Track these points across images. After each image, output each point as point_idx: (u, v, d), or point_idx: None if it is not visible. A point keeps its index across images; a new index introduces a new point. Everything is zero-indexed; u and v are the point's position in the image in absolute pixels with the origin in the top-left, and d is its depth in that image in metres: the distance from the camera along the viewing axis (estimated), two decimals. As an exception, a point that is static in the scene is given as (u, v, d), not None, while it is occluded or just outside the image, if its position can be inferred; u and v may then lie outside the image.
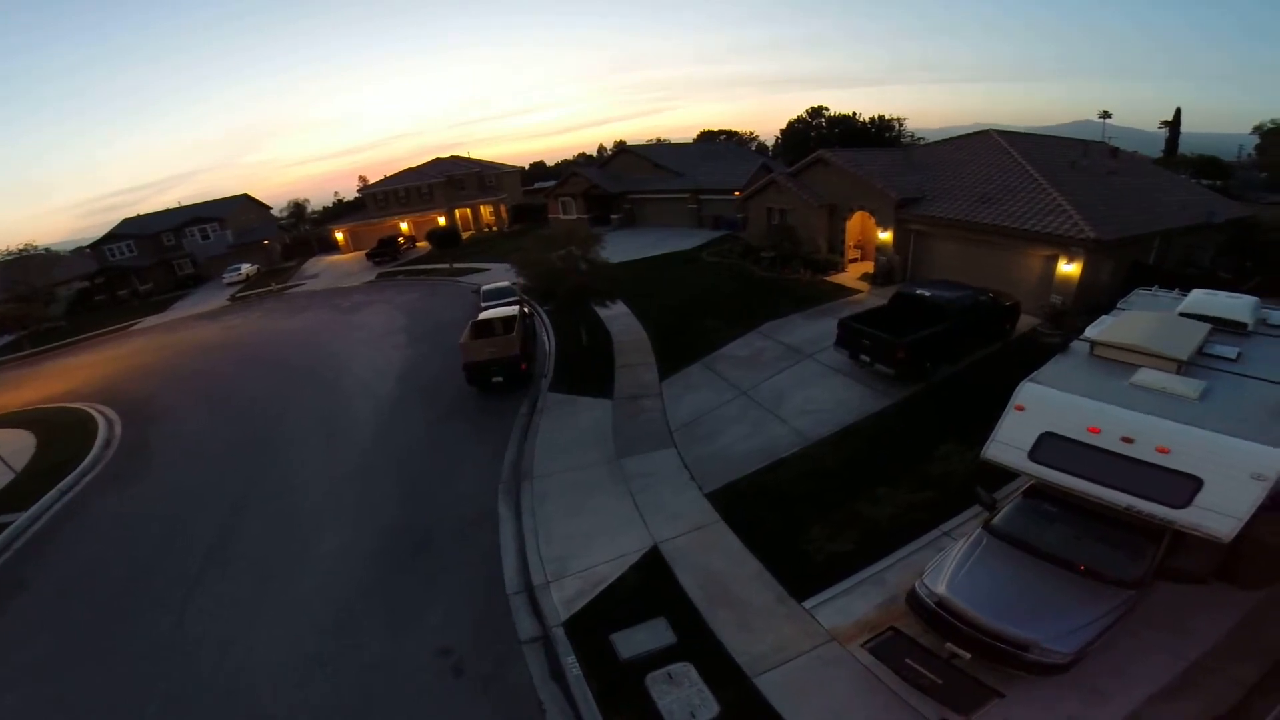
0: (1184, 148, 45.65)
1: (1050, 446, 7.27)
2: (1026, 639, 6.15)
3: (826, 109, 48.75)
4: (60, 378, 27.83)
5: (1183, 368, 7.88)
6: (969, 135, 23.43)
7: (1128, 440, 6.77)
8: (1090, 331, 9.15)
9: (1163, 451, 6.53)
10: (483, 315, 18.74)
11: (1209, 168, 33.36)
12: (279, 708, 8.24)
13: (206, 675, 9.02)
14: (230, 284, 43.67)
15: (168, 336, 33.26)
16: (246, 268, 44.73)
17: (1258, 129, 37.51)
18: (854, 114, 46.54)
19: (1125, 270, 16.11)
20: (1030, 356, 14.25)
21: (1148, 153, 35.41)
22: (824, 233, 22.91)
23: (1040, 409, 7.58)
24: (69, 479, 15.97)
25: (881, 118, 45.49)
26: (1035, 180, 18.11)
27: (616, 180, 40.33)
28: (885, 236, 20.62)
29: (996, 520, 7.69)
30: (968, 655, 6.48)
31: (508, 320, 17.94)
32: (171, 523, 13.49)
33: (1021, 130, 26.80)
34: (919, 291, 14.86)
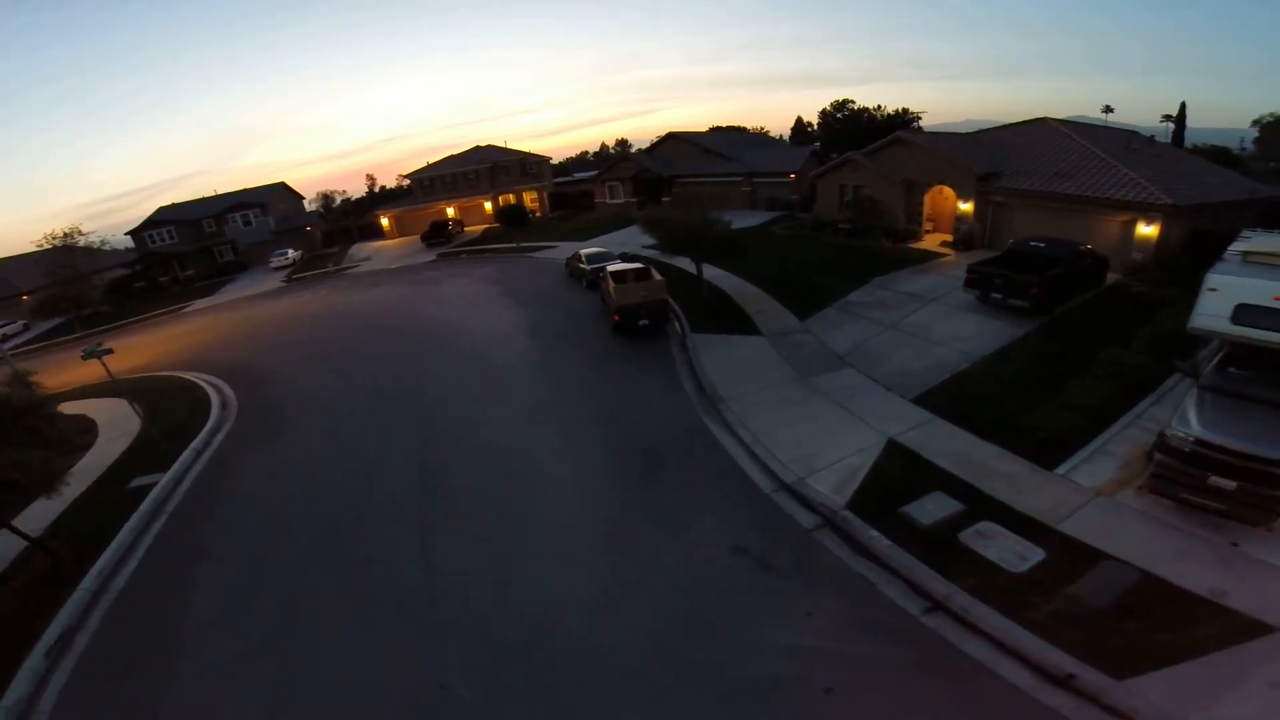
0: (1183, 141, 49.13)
1: (1248, 313, 9.22)
2: None
3: (853, 102, 51.57)
4: (127, 355, 25.81)
5: None
6: (1026, 122, 25.91)
7: None
8: (1236, 248, 11.31)
9: None
10: (611, 269, 20.21)
11: (1221, 159, 36.32)
12: (602, 639, 7.61)
13: (498, 620, 8.09)
14: (278, 268, 44.20)
15: (232, 314, 33.30)
16: (293, 253, 45.28)
17: (1257, 122, 40.76)
18: (878, 107, 49.38)
19: (1187, 234, 18.54)
20: (1121, 301, 16.55)
21: (1153, 146, 38.29)
22: (902, 205, 25.06)
23: (1230, 288, 9.51)
24: (200, 437, 15.13)
25: (906, 110, 48.31)
26: (1102, 159, 20.48)
27: (664, 165, 42.08)
28: (966, 207, 22.75)
29: (1205, 381, 9.47)
30: (1234, 484, 7.76)
31: (639, 271, 19.54)
32: (356, 470, 12.63)
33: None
34: (1032, 243, 16.92)
